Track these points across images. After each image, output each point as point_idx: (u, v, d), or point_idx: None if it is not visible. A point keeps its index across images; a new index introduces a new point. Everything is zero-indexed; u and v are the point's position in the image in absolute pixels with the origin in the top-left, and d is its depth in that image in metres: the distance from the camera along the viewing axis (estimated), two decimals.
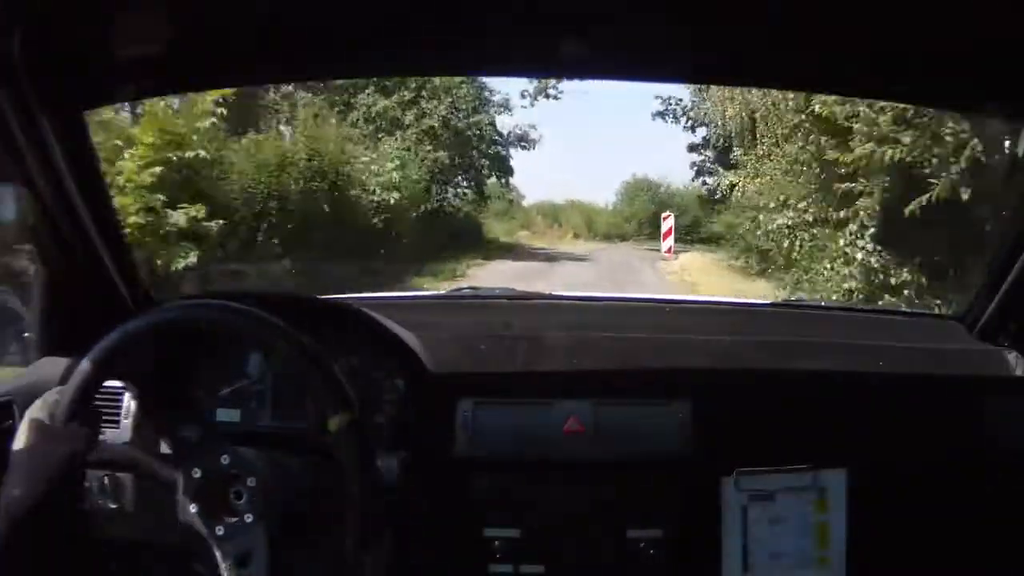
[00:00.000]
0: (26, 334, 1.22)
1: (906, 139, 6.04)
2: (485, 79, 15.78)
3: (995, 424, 1.26)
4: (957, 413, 1.27)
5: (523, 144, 19.14)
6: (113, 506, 1.13)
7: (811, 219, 8.21)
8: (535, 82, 14.54)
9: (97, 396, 1.01)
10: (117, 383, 1.19)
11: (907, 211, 6.12)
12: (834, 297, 7.05)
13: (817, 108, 7.02)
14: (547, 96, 15.19)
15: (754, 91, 10.03)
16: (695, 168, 20.65)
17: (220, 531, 0.93)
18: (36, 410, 0.96)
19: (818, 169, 7.97)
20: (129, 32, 1.00)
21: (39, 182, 1.07)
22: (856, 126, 6.48)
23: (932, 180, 5.93)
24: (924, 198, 5.94)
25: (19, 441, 0.93)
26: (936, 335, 1.48)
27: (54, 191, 1.09)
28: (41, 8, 0.92)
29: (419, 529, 1.19)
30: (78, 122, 1.10)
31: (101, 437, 1.02)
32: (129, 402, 1.20)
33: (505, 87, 18.62)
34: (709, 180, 17.67)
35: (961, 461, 1.26)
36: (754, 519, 1.23)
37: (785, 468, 1.23)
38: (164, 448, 1.15)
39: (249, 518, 0.93)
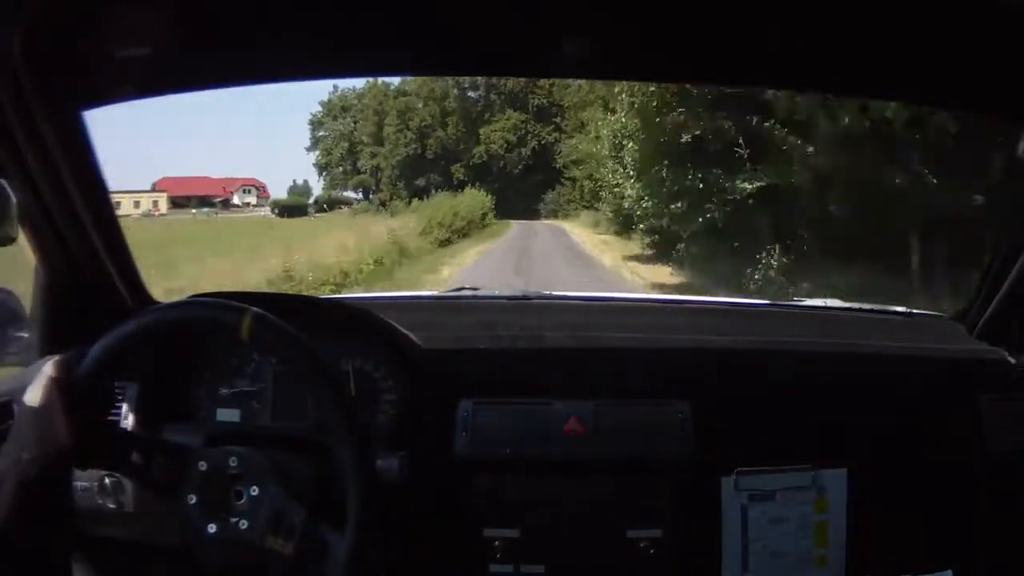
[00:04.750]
0: (26, 334, 1.22)
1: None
2: None
3: (994, 424, 1.26)
4: (957, 413, 1.27)
5: None
6: (113, 506, 1.13)
7: None
8: None
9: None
10: (117, 383, 1.19)
11: None
12: None
13: None
14: None
15: None
16: None
17: (212, 529, 0.92)
18: (52, 368, 0.91)
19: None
20: (129, 32, 1.00)
21: (39, 182, 1.07)
22: None
23: None
24: None
25: (31, 398, 0.88)
26: (936, 335, 1.48)
27: (54, 191, 1.09)
28: (41, 8, 0.92)
29: (419, 529, 1.19)
30: (78, 122, 1.10)
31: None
32: (129, 402, 1.20)
33: None
34: None
35: (960, 461, 1.26)
36: (754, 519, 1.24)
37: (785, 468, 1.24)
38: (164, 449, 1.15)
39: (243, 524, 0.92)
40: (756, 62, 1.18)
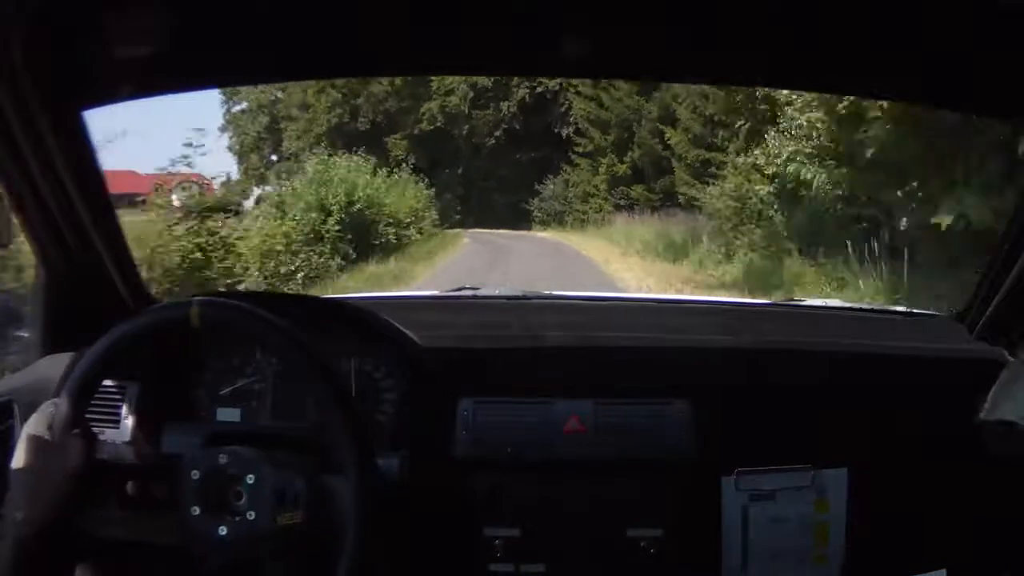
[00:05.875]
0: (26, 334, 1.22)
1: None
2: None
3: (994, 424, 1.26)
4: (957, 413, 1.27)
5: None
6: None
7: None
8: None
9: (97, 396, 1.01)
10: (117, 383, 1.19)
11: None
12: None
13: None
14: None
15: None
16: None
17: (223, 531, 0.92)
18: (33, 426, 0.93)
19: None
20: (129, 32, 0.99)
21: (39, 182, 1.07)
22: None
23: None
24: None
25: (18, 459, 0.91)
26: (936, 335, 1.48)
27: (54, 191, 1.09)
28: (41, 8, 0.92)
29: (419, 529, 1.19)
30: (78, 122, 1.10)
31: (102, 438, 1.01)
32: (129, 402, 1.20)
33: None
34: None
35: (960, 461, 1.26)
36: (754, 519, 1.24)
37: (785, 468, 1.24)
38: (164, 449, 1.15)
39: (251, 515, 0.92)
40: (756, 61, 1.18)
